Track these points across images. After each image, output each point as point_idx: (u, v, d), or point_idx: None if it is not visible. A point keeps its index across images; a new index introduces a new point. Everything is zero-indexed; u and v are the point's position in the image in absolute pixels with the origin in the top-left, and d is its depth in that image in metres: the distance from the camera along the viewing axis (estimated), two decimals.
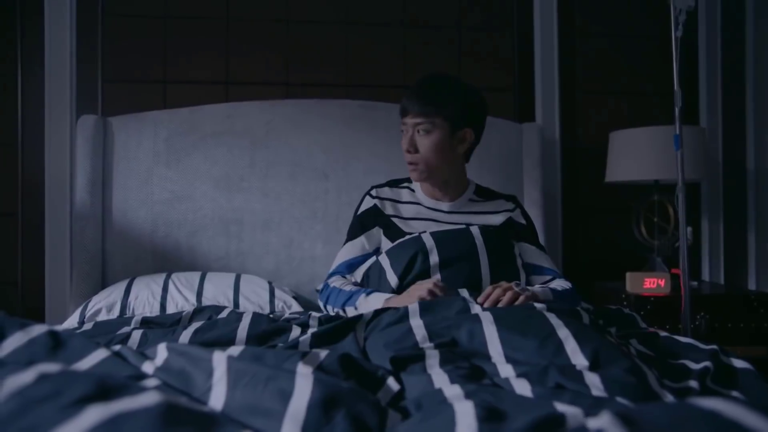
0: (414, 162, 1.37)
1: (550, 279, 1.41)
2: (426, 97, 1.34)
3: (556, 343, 0.83)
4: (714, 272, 2.38)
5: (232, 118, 1.97)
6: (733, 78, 2.38)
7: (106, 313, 1.49)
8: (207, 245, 1.91)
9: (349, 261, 1.43)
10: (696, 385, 0.84)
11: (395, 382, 0.75)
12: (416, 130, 1.36)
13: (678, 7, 1.38)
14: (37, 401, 0.44)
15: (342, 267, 1.43)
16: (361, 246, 1.43)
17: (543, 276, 1.42)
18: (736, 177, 2.38)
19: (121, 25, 2.07)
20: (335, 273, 1.43)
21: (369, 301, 1.25)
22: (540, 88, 2.27)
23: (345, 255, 1.44)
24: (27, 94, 2.01)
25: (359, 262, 1.43)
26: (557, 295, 1.29)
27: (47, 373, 0.48)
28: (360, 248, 1.43)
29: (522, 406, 0.59)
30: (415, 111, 1.35)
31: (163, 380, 0.68)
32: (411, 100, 1.35)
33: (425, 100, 1.34)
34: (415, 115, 1.35)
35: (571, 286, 1.36)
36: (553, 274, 1.42)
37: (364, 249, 1.43)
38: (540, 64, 2.27)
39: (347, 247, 1.45)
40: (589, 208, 2.31)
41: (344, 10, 2.18)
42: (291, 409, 0.59)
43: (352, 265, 1.42)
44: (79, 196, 1.85)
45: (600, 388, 0.72)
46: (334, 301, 1.34)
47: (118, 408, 0.42)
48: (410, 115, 1.36)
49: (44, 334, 0.75)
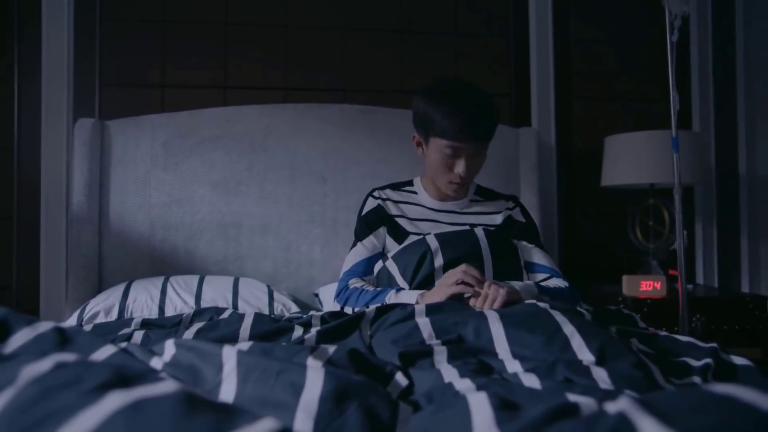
0: (462, 183, 1.37)
1: (547, 278, 1.39)
2: (488, 124, 1.32)
3: (563, 339, 0.84)
4: (708, 275, 2.40)
5: (230, 122, 1.97)
6: (725, 84, 2.42)
7: (104, 316, 1.48)
8: (205, 249, 1.90)
9: (364, 261, 1.40)
10: (699, 381, 0.85)
11: (404, 377, 0.75)
12: (471, 154, 1.34)
13: (673, 12, 1.41)
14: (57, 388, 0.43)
15: (358, 267, 1.40)
16: (372, 246, 1.42)
17: (540, 274, 1.40)
18: (729, 181, 2.42)
19: (119, 29, 2.07)
20: (350, 275, 1.39)
21: (401, 299, 1.22)
22: (536, 93, 2.30)
23: (357, 256, 1.41)
24: (24, 97, 2.00)
25: (374, 262, 1.41)
26: (546, 292, 1.27)
27: (65, 362, 0.47)
28: (371, 248, 1.42)
29: (535, 397, 0.59)
30: (480, 139, 1.33)
31: (172, 375, 0.68)
32: (473, 127, 1.29)
33: (487, 126, 1.32)
34: (476, 142, 1.33)
35: (566, 285, 1.35)
36: (551, 273, 1.40)
37: (375, 248, 1.42)
38: (536, 70, 2.30)
39: (358, 248, 1.42)
40: (586, 211, 2.33)
41: (342, 16, 2.20)
42: (303, 401, 0.59)
43: (368, 265, 1.40)
44: (76, 200, 1.84)
45: (607, 382, 0.72)
46: (356, 301, 1.30)
47: (139, 394, 0.42)
48: (471, 141, 1.31)
49: (51, 330, 0.74)
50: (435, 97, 1.33)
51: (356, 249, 1.43)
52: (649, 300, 1.90)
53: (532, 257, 1.42)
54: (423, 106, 1.35)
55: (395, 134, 2.04)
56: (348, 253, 1.45)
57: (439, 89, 1.35)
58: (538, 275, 1.40)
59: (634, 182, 2.05)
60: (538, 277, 1.40)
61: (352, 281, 1.36)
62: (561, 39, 2.33)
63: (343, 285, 1.37)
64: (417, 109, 1.38)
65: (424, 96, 1.36)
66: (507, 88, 2.29)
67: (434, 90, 1.36)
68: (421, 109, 1.36)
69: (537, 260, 1.42)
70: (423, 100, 1.36)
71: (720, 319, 1.91)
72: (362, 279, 1.39)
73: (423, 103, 1.35)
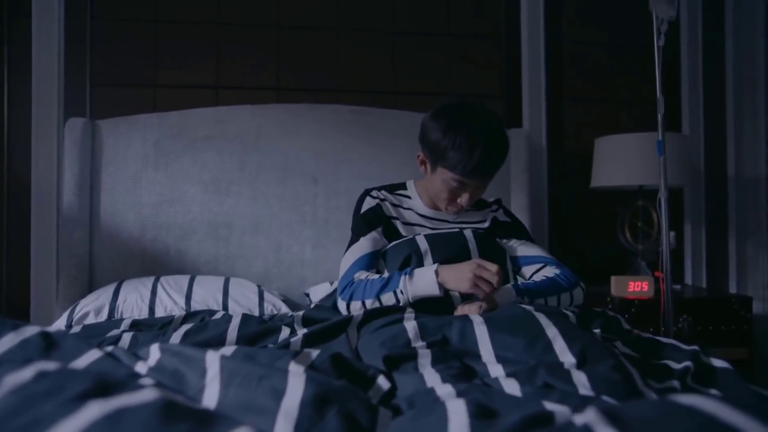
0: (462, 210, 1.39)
1: (541, 266, 1.41)
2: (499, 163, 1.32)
3: (545, 342, 0.85)
4: (696, 276, 2.43)
5: (222, 122, 1.98)
6: (714, 87, 2.44)
7: (94, 317, 1.48)
8: (196, 249, 1.90)
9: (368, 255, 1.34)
10: (678, 385, 0.86)
11: (386, 381, 0.76)
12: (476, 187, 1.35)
13: (660, 17, 1.42)
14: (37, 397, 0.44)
15: (362, 262, 1.33)
16: (374, 241, 1.36)
17: (534, 265, 1.42)
18: (718, 183, 2.44)
19: (110, 29, 2.07)
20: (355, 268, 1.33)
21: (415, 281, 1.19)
22: (527, 95, 2.31)
23: (361, 250, 1.35)
24: (13, 96, 1.99)
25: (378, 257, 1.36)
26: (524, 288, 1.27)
27: (46, 371, 0.48)
28: (374, 243, 1.36)
29: (512, 404, 0.60)
30: (489, 176, 1.34)
31: (157, 380, 0.69)
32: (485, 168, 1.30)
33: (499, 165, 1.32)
34: (485, 179, 1.34)
35: (555, 274, 1.35)
36: (545, 261, 1.41)
37: (377, 243, 1.37)
38: (527, 71, 2.31)
39: (361, 243, 1.35)
40: (575, 212, 2.35)
41: (335, 16, 2.20)
42: (284, 406, 0.60)
43: (372, 259, 1.34)
44: (67, 200, 1.84)
45: (587, 386, 0.74)
46: (363, 293, 1.24)
47: (118, 403, 0.43)
48: (480, 179, 1.33)
49: (37, 334, 0.75)
50: (450, 128, 1.28)
51: (358, 244, 1.36)
52: (636, 301, 1.92)
53: (525, 251, 1.44)
54: (435, 134, 1.30)
55: (387, 135, 2.05)
56: (346, 253, 1.38)
57: (454, 120, 1.29)
58: (533, 266, 1.42)
59: (623, 184, 2.07)
60: (531, 269, 1.42)
61: (357, 275, 1.30)
62: (553, 40, 2.34)
63: (348, 280, 1.30)
64: (428, 133, 1.32)
65: (438, 122, 1.30)
66: (498, 89, 2.30)
67: (449, 120, 1.29)
68: (433, 137, 1.30)
69: (530, 252, 1.44)
70: (436, 127, 1.30)
71: (706, 319, 1.94)
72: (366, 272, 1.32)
73: (436, 130, 1.30)
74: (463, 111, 1.31)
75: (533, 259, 1.42)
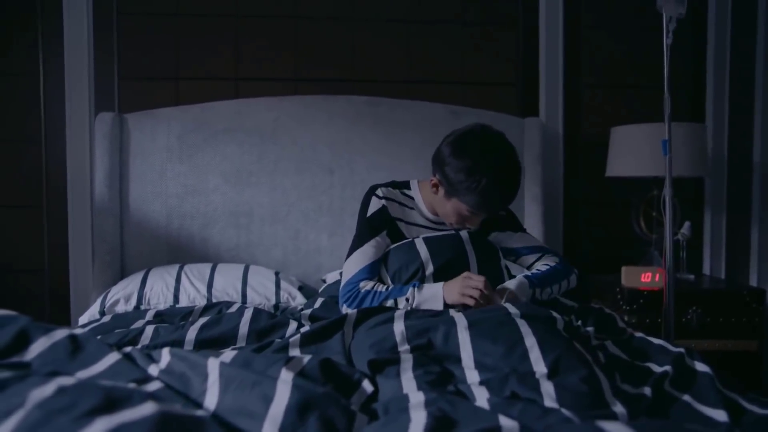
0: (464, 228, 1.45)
1: (538, 257, 1.50)
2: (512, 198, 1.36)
3: (522, 350, 0.91)
4: (715, 267, 2.41)
5: (241, 115, 2.06)
6: (742, 71, 2.36)
7: (123, 304, 1.62)
8: (218, 237, 2.02)
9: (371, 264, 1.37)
10: (649, 392, 0.91)
11: (370, 385, 0.84)
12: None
13: (669, 15, 1.40)
14: (55, 412, 0.54)
15: (365, 271, 1.36)
16: (377, 249, 1.40)
17: (531, 255, 1.50)
18: (742, 172, 2.39)
19: (134, 24, 2.15)
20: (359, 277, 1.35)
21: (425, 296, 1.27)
22: (544, 83, 2.29)
23: (363, 260, 1.37)
24: (49, 92, 2.12)
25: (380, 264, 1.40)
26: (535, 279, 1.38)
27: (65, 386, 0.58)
28: (376, 251, 1.39)
29: (473, 416, 0.67)
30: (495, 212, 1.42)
31: (166, 382, 0.79)
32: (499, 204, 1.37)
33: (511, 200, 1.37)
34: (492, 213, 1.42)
35: (552, 265, 1.45)
36: (541, 252, 1.51)
37: (380, 251, 1.40)
38: (545, 59, 2.29)
39: (365, 251, 1.38)
40: (590, 201, 2.35)
41: (350, 7, 2.23)
42: (271, 412, 0.69)
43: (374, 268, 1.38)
44: (98, 191, 1.97)
45: (553, 397, 0.80)
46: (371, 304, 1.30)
47: (120, 419, 0.52)
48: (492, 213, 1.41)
49: (65, 338, 0.86)
50: (474, 172, 1.28)
51: (362, 251, 1.38)
52: (645, 291, 1.94)
53: (521, 242, 1.52)
54: (458, 175, 1.29)
55: (399, 126, 2.10)
56: (350, 256, 1.40)
57: (477, 161, 1.28)
58: (531, 257, 1.51)
59: (637, 174, 2.06)
60: (531, 258, 1.51)
61: (362, 284, 1.33)
62: (571, 28, 2.30)
63: (353, 289, 1.33)
64: (448, 170, 1.32)
65: (461, 161, 1.30)
66: (513, 77, 2.30)
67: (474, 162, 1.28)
68: (455, 177, 1.30)
69: (526, 243, 1.52)
70: (459, 167, 1.29)
71: (717, 311, 1.94)
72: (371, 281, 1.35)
73: (458, 171, 1.29)
74: (487, 150, 1.30)
75: (531, 250, 1.52)
